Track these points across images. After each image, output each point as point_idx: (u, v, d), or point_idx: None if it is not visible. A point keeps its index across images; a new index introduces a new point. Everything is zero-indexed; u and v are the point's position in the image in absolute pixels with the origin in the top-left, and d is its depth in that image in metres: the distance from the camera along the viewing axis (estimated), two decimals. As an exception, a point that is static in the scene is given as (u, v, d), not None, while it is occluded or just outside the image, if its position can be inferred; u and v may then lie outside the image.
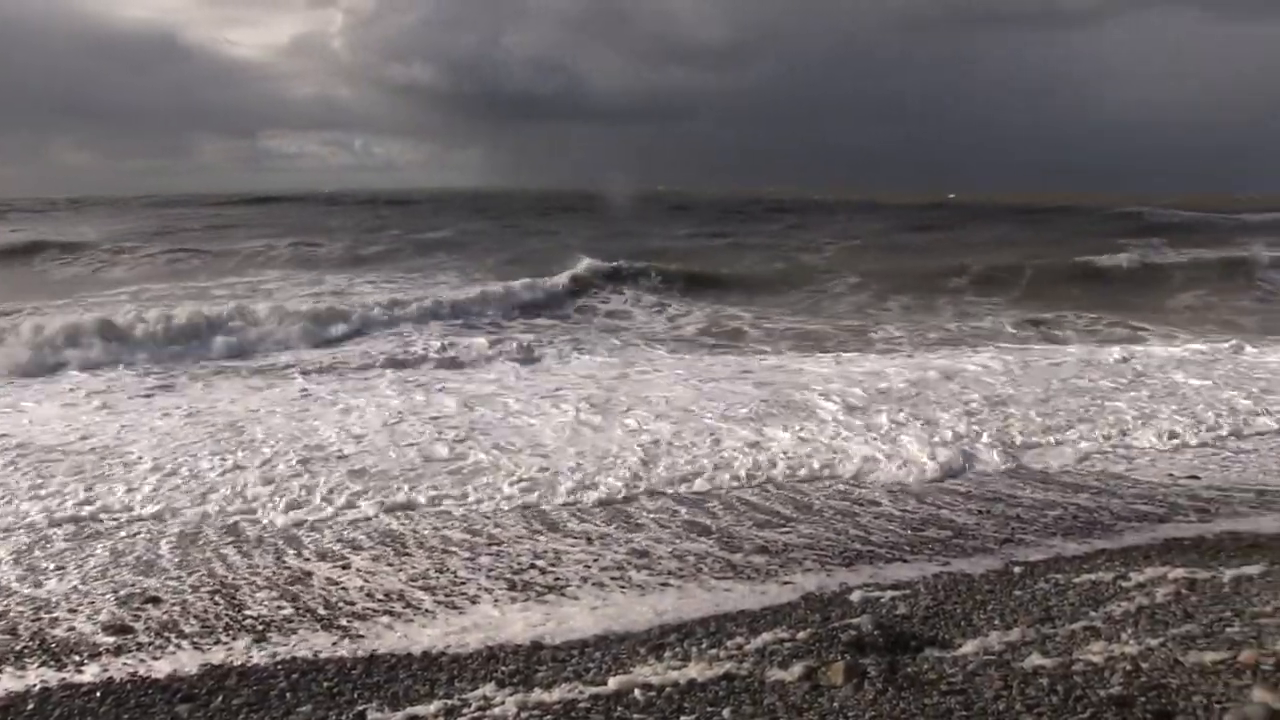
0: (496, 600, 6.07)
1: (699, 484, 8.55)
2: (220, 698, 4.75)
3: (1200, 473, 8.97)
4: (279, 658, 5.23)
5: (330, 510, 7.80)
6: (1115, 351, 15.63)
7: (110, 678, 5.01)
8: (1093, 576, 6.06)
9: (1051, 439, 10.14)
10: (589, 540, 7.18)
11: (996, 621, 5.27)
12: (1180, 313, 22.24)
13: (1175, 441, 10.11)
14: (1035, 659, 4.55)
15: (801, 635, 5.10)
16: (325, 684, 4.91)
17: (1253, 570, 5.89)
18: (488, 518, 7.68)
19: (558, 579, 6.42)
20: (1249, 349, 15.98)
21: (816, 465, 9.08)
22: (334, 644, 5.42)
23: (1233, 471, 9.01)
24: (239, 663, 5.17)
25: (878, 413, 10.99)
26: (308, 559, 6.79)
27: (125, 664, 5.17)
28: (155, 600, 6.04)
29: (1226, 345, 16.25)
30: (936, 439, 9.89)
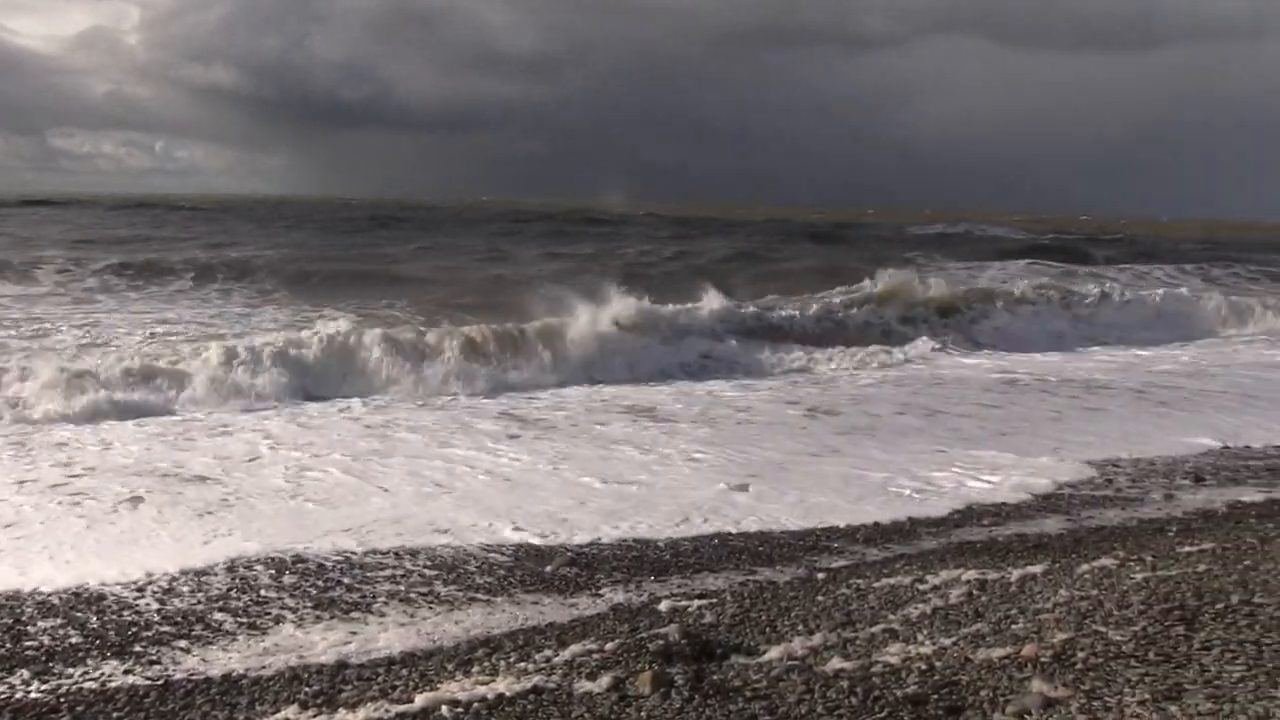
0: (301, 619, 5.89)
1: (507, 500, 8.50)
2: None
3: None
4: (62, 689, 4.95)
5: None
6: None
7: None
8: (892, 581, 6.26)
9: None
10: (397, 555, 7.04)
11: (800, 627, 5.38)
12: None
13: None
14: (836, 662, 4.66)
15: (610, 646, 5.10)
16: (114, 714, 4.67)
17: (1037, 569, 6.18)
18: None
19: (364, 596, 6.28)
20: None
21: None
22: (125, 671, 5.16)
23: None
24: (17, 697, 4.86)
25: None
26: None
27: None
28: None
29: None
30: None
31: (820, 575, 6.62)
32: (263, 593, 6.33)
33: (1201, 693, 3.69)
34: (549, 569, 6.80)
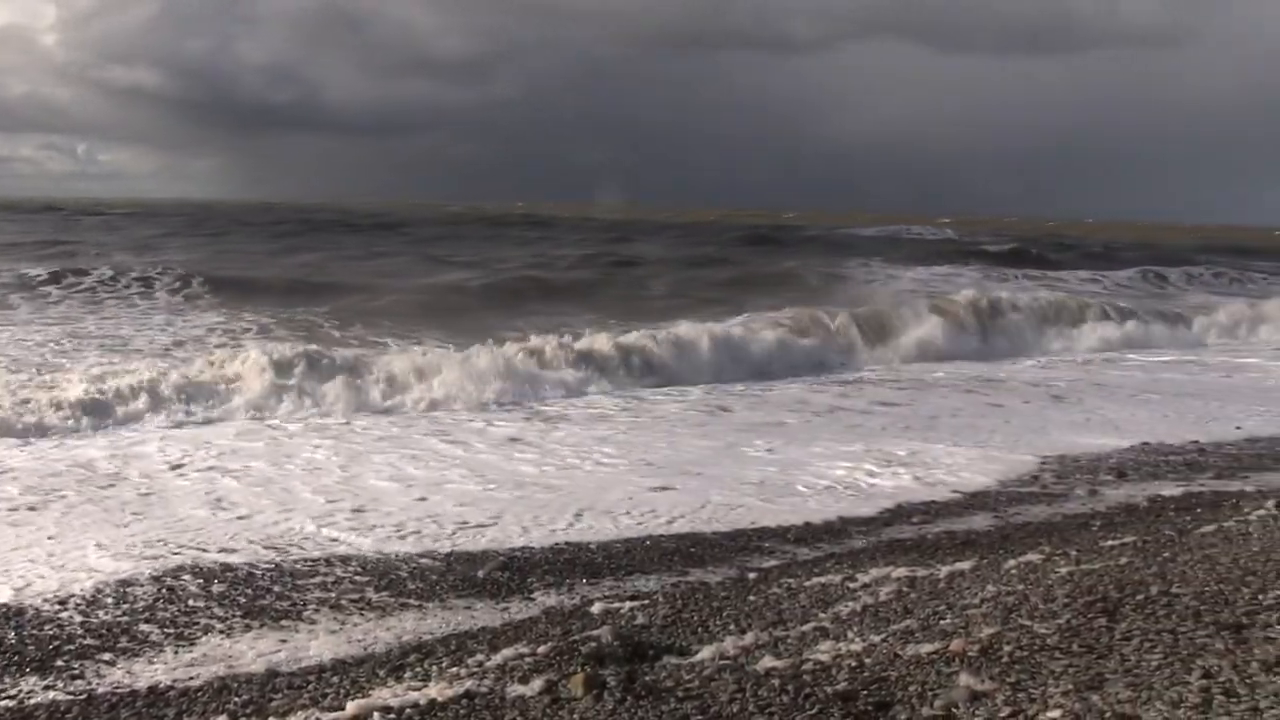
0: (230, 629, 5.81)
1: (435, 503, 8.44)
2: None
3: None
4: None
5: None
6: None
7: None
8: (823, 579, 6.30)
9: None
10: (328, 562, 6.97)
11: (732, 627, 5.39)
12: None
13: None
14: (768, 661, 4.67)
15: (542, 649, 5.08)
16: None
17: (965, 565, 6.26)
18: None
19: (294, 604, 6.20)
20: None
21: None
22: (46, 687, 5.04)
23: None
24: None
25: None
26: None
27: None
28: None
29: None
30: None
31: (752, 575, 6.65)
32: (190, 602, 6.22)
33: (1122, 681, 3.76)
34: (481, 573, 6.77)
